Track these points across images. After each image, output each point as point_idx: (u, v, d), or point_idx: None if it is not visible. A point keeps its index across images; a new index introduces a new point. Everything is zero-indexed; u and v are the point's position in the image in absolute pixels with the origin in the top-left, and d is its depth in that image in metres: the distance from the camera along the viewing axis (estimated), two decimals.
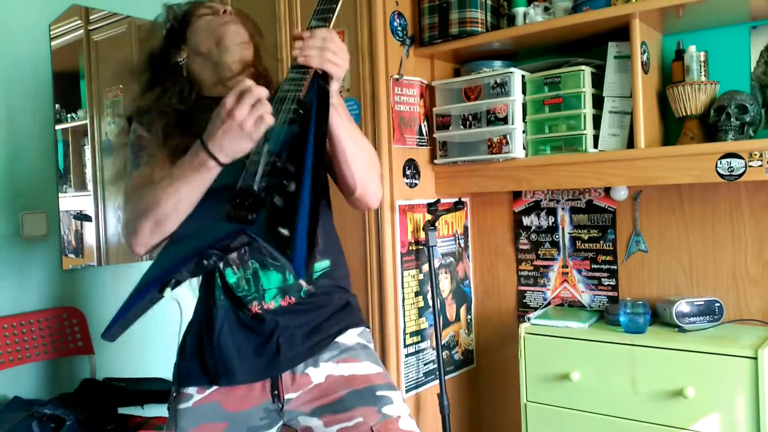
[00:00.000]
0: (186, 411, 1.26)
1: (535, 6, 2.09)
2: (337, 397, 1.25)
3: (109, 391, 2.15)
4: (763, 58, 1.93)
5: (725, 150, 1.74)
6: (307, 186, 1.06)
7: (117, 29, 2.54)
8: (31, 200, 2.24)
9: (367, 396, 1.25)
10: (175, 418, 1.27)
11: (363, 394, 1.25)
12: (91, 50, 2.47)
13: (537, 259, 2.39)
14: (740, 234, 2.00)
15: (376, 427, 1.21)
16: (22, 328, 2.15)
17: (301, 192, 1.05)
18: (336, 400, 1.25)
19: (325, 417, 1.25)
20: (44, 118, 2.29)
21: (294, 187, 1.06)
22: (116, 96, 2.53)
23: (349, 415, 1.23)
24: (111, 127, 2.52)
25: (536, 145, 2.08)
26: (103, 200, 2.49)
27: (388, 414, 1.23)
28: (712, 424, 1.73)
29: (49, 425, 1.91)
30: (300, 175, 1.07)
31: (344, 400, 1.24)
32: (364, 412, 1.22)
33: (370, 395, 1.25)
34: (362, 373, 1.28)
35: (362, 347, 1.33)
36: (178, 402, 1.28)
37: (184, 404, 1.27)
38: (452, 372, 2.40)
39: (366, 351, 1.33)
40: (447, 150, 2.25)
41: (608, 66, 2.00)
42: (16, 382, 2.15)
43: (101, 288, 2.43)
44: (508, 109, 2.07)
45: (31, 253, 2.24)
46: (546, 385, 2.01)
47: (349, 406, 1.24)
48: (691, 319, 1.94)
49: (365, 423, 1.21)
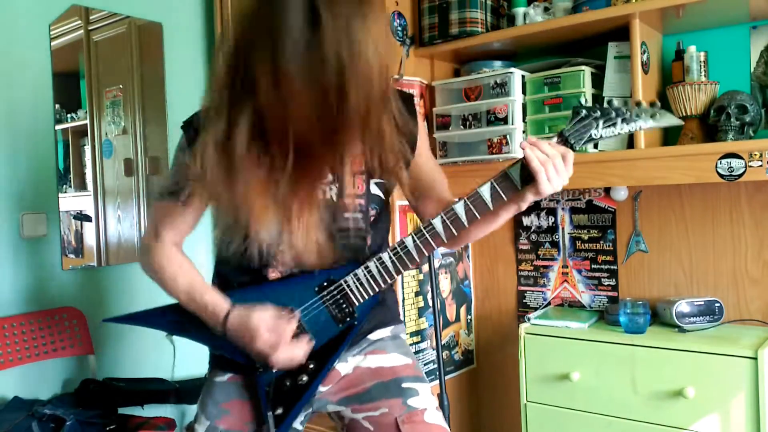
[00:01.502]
0: (221, 384, 1.30)
1: (535, 6, 2.09)
2: (363, 388, 1.27)
3: (109, 391, 2.15)
4: (763, 58, 1.93)
5: (725, 150, 1.74)
6: (319, 381, 1.21)
7: (117, 29, 2.54)
8: (31, 200, 2.24)
9: (393, 388, 1.26)
10: (210, 388, 1.31)
11: (389, 386, 1.26)
12: (91, 50, 2.47)
13: (537, 259, 2.39)
14: (740, 234, 2.00)
15: (401, 419, 1.22)
16: (23, 328, 2.15)
17: (311, 386, 1.21)
18: (362, 392, 1.27)
19: (351, 406, 1.27)
20: (44, 118, 2.29)
21: (306, 381, 1.21)
22: (116, 96, 2.53)
23: (374, 406, 1.25)
24: (111, 127, 2.52)
25: None
26: (103, 200, 2.49)
27: (414, 406, 1.24)
28: (712, 425, 1.73)
29: (49, 425, 1.91)
30: (316, 375, 1.22)
31: (370, 391, 1.26)
32: (389, 404, 1.24)
33: (395, 387, 1.26)
34: (389, 365, 1.29)
35: (391, 339, 1.33)
36: (214, 375, 1.32)
37: (219, 378, 1.30)
38: (452, 372, 2.40)
39: (395, 342, 1.34)
40: (447, 150, 2.25)
41: (608, 66, 2.00)
42: (16, 382, 2.15)
43: (101, 288, 2.42)
44: (508, 109, 2.07)
45: (31, 254, 2.24)
46: (546, 386, 2.01)
47: (374, 397, 1.25)
48: (691, 319, 1.94)
49: (390, 414, 1.23)
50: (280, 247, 1.17)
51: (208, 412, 1.28)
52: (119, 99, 2.53)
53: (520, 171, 1.12)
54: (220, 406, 1.27)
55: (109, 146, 2.51)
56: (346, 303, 1.21)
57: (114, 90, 2.53)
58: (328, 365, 1.22)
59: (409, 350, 1.36)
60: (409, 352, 1.35)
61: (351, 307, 1.21)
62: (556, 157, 1.10)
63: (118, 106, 2.53)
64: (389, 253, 1.18)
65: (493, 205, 1.14)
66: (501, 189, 1.13)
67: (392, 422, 1.22)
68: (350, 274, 1.20)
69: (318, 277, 1.21)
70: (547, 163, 1.09)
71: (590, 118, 1.13)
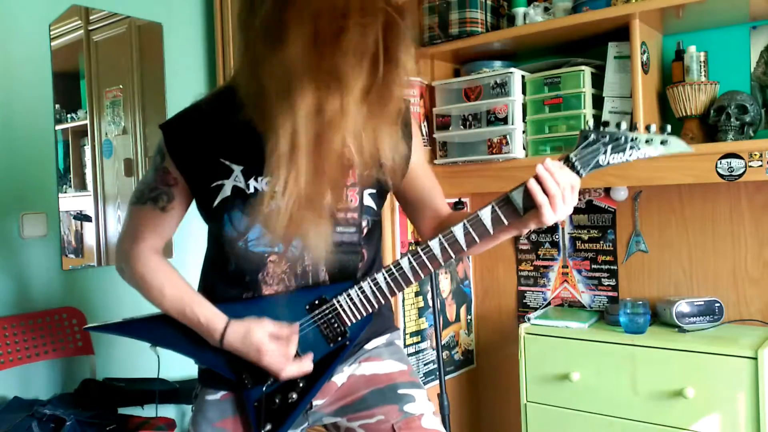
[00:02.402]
0: (213, 403, 1.26)
1: (535, 6, 2.09)
2: (359, 396, 1.25)
3: (109, 392, 2.15)
4: (763, 58, 1.93)
5: (725, 150, 1.74)
6: (309, 399, 1.20)
7: (117, 29, 2.54)
8: (31, 200, 2.24)
9: (389, 394, 1.25)
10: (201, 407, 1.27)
11: (384, 392, 1.25)
12: (91, 50, 2.47)
13: (537, 259, 2.39)
14: (740, 234, 2.00)
15: (398, 425, 1.21)
16: (22, 328, 2.15)
17: (300, 403, 1.20)
18: (358, 400, 1.25)
19: (347, 415, 1.26)
20: (44, 118, 2.29)
21: (295, 399, 1.20)
22: (116, 96, 2.53)
23: (370, 413, 1.23)
24: (111, 127, 2.52)
25: (536, 146, 2.08)
26: (103, 200, 2.49)
27: (410, 412, 1.23)
28: (712, 425, 1.73)
29: (49, 425, 1.91)
30: (306, 392, 1.20)
31: (366, 399, 1.25)
32: (385, 411, 1.23)
33: (391, 394, 1.25)
34: (384, 372, 1.28)
35: (386, 345, 1.32)
36: (205, 393, 1.28)
37: (211, 396, 1.27)
38: (452, 372, 2.40)
39: (390, 349, 1.32)
40: (447, 150, 2.25)
41: (608, 66, 2.00)
42: (16, 382, 2.15)
43: (101, 288, 2.42)
44: (508, 110, 2.07)
45: (31, 254, 2.24)
46: (546, 386, 2.01)
47: (370, 405, 1.24)
48: (691, 319, 1.94)
49: (387, 421, 1.21)
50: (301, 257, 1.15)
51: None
52: (119, 99, 2.53)
53: (523, 195, 1.07)
54: (214, 426, 1.24)
55: (109, 146, 2.51)
56: (338, 323, 1.19)
57: (114, 90, 2.53)
58: (318, 384, 1.20)
59: (405, 356, 1.34)
60: (404, 358, 1.33)
61: (343, 327, 1.19)
62: (566, 189, 1.06)
63: (118, 106, 2.53)
64: (384, 274, 1.15)
65: (493, 230, 1.11)
66: (502, 213, 1.10)
67: (389, 429, 1.21)
68: (343, 294, 1.17)
69: (309, 295, 1.19)
70: (555, 196, 1.05)
71: (598, 143, 1.09)
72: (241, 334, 1.16)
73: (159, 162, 1.19)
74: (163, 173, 1.19)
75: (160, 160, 1.19)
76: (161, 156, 1.19)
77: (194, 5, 2.76)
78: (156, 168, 1.20)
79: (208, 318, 1.17)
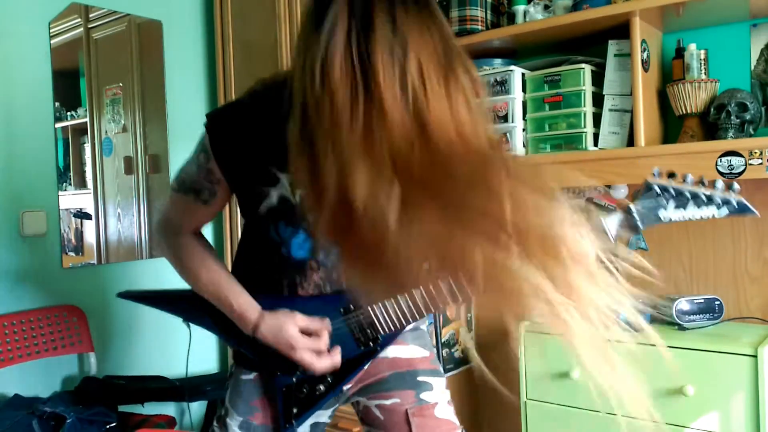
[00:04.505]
0: (248, 382, 1.29)
1: (535, 4, 2.09)
2: (381, 377, 1.28)
3: (109, 389, 2.15)
4: (764, 56, 1.93)
5: (725, 148, 1.74)
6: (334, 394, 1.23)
7: (117, 27, 2.54)
8: (30, 198, 2.24)
9: (408, 379, 1.27)
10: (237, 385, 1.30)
11: (405, 377, 1.27)
12: (91, 48, 2.47)
13: None
14: (740, 232, 2.00)
15: (411, 411, 1.23)
16: (23, 326, 2.15)
17: (326, 396, 1.23)
18: (379, 381, 1.28)
19: (368, 395, 1.28)
20: (44, 117, 2.29)
21: (322, 391, 1.23)
22: (116, 94, 2.53)
23: (387, 395, 1.26)
24: (110, 125, 2.52)
25: (536, 144, 2.08)
26: (103, 198, 2.49)
27: (425, 400, 1.25)
28: (711, 423, 1.73)
29: (50, 423, 1.91)
30: (333, 388, 1.23)
31: (386, 381, 1.27)
32: (401, 395, 1.25)
33: (411, 379, 1.27)
34: (406, 356, 1.30)
35: (411, 330, 1.33)
36: (239, 372, 1.31)
37: (245, 375, 1.29)
38: (452, 370, 2.40)
39: (414, 333, 1.33)
40: None
41: (608, 64, 2.00)
42: (16, 380, 2.16)
43: (101, 286, 2.43)
44: (508, 107, 2.07)
45: (31, 252, 2.24)
46: (546, 383, 2.01)
47: (390, 387, 1.26)
48: (691, 317, 1.94)
49: (402, 405, 1.24)
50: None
51: (239, 408, 1.28)
52: (119, 97, 2.54)
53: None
54: (250, 404, 1.28)
55: (109, 144, 2.51)
56: (371, 329, 1.21)
57: (114, 88, 2.53)
58: (346, 381, 1.23)
59: (429, 342, 1.35)
60: (428, 344, 1.34)
61: (375, 334, 1.21)
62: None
63: (118, 104, 2.53)
64: (422, 291, 1.16)
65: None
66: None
67: (402, 413, 1.23)
68: (378, 304, 1.19)
69: (344, 300, 1.21)
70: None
71: (662, 197, 1.03)
72: (273, 328, 1.17)
73: (203, 161, 1.17)
74: (207, 173, 1.17)
75: (205, 160, 1.16)
76: (206, 155, 1.16)
77: (194, 3, 2.76)
78: (199, 165, 1.17)
79: (241, 309, 1.19)
